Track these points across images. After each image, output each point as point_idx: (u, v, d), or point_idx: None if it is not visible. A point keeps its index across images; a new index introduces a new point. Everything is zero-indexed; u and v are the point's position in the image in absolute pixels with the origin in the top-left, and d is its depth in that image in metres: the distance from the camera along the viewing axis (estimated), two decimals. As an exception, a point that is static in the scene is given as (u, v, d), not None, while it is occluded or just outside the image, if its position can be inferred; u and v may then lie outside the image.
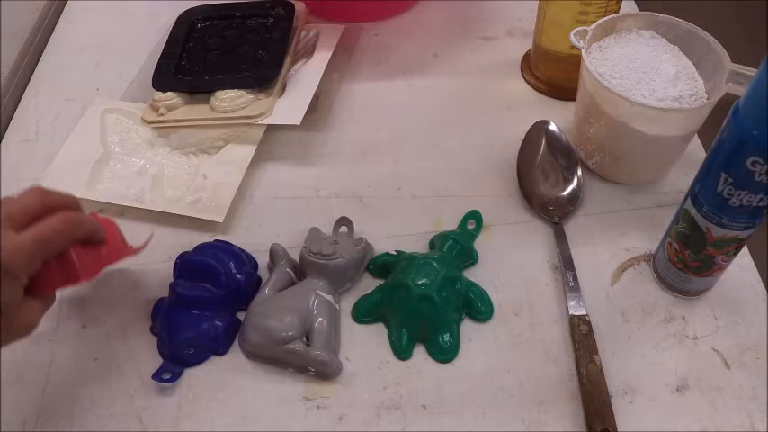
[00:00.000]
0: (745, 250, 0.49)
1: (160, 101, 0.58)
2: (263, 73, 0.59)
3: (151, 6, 0.71)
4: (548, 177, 0.54)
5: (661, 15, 0.52)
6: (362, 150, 0.58)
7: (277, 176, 0.57)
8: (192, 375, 0.45)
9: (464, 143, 0.58)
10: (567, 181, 0.54)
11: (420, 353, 0.46)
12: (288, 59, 0.61)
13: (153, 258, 0.51)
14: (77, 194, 0.54)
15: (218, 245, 0.50)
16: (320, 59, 0.62)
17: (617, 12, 0.56)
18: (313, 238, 0.50)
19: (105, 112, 0.60)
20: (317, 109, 0.61)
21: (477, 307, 0.47)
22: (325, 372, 0.45)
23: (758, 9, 1.56)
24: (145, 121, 0.59)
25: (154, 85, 0.60)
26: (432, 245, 0.51)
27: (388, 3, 0.70)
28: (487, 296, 0.48)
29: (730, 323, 0.47)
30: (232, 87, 0.58)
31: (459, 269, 0.49)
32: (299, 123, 0.56)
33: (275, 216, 0.54)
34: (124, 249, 0.45)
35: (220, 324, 0.46)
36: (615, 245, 0.51)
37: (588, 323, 0.46)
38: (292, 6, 0.64)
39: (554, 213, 0.52)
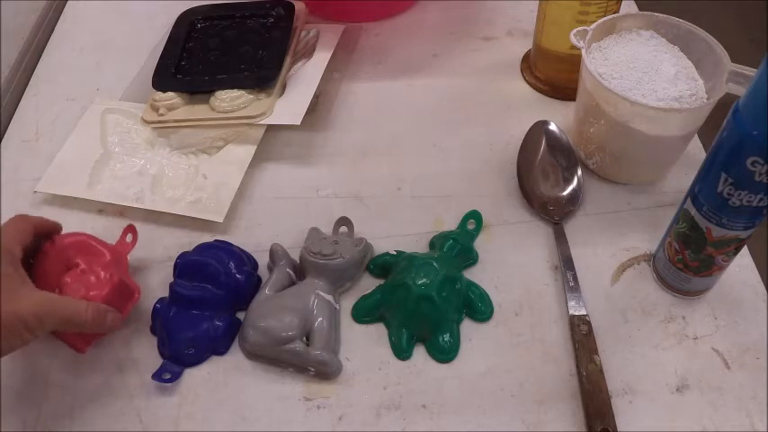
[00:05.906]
0: (745, 250, 0.49)
1: (160, 101, 0.58)
2: (263, 73, 0.59)
3: (151, 6, 0.71)
4: (548, 177, 0.54)
5: (661, 15, 0.52)
6: (362, 150, 0.58)
7: (277, 176, 0.57)
8: (191, 375, 0.45)
9: (464, 143, 0.58)
10: (567, 181, 0.54)
11: (420, 353, 0.46)
12: (288, 59, 0.61)
13: (153, 258, 0.51)
14: (77, 194, 0.54)
15: (218, 245, 0.50)
16: (320, 59, 0.62)
17: (617, 12, 0.56)
18: (313, 238, 0.50)
19: (105, 112, 0.60)
20: (317, 109, 0.61)
21: (477, 307, 0.47)
22: (325, 372, 0.45)
23: (758, 9, 1.56)
24: (145, 121, 0.59)
25: (154, 85, 0.60)
26: (432, 245, 0.51)
27: (388, 3, 0.70)
28: (487, 296, 0.48)
29: (730, 323, 0.47)
30: (232, 87, 0.58)
31: (459, 269, 0.49)
32: (299, 123, 0.56)
33: (275, 216, 0.54)
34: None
35: (220, 324, 0.46)
36: (615, 245, 0.51)
37: (588, 323, 0.46)
38: (292, 6, 0.64)
39: (554, 213, 0.52)
